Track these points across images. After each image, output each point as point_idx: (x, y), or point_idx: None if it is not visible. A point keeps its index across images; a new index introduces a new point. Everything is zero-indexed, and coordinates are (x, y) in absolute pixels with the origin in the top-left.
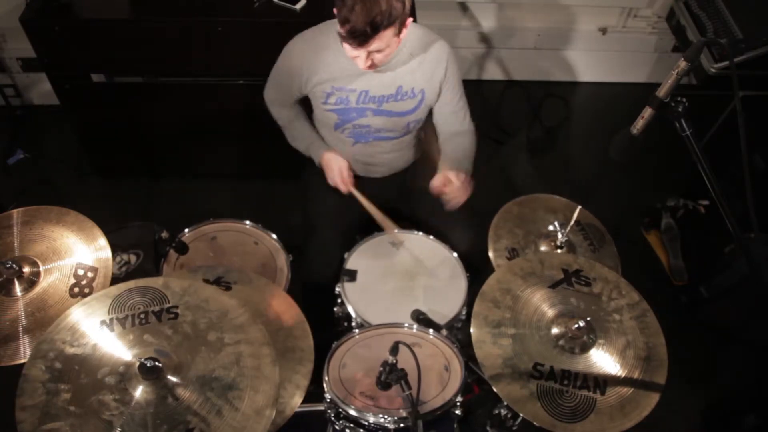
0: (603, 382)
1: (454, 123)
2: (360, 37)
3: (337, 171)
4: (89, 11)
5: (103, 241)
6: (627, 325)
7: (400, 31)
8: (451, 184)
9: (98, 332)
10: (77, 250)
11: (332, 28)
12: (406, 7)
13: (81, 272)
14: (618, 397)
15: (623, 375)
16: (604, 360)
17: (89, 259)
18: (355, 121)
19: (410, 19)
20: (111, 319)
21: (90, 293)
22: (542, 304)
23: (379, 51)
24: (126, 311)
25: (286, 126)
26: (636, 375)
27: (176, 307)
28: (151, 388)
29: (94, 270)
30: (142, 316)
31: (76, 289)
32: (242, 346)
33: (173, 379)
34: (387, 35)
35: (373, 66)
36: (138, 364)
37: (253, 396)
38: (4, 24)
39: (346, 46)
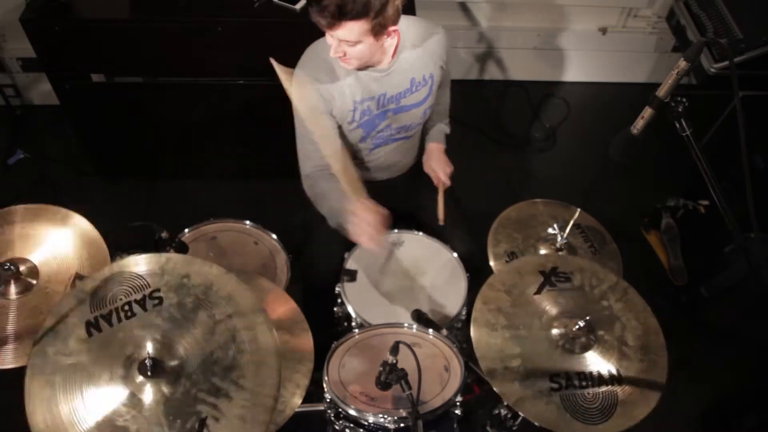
0: (617, 372)
1: (444, 85)
2: (325, 15)
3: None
4: (89, 11)
5: (105, 254)
6: (616, 308)
7: (378, 34)
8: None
9: (87, 336)
10: (79, 257)
11: (323, 47)
12: (387, 10)
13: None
14: (634, 382)
15: (630, 358)
16: (608, 351)
17: (89, 269)
18: (378, 127)
19: (394, 28)
20: (96, 318)
21: None
22: (535, 313)
23: (348, 43)
24: (108, 305)
25: (321, 197)
26: (640, 355)
27: (158, 290)
28: (156, 385)
29: None
30: (126, 308)
31: None
32: (234, 319)
33: (175, 372)
34: (356, 28)
35: (346, 61)
36: (138, 365)
37: (255, 371)
38: (4, 24)
39: (327, 36)
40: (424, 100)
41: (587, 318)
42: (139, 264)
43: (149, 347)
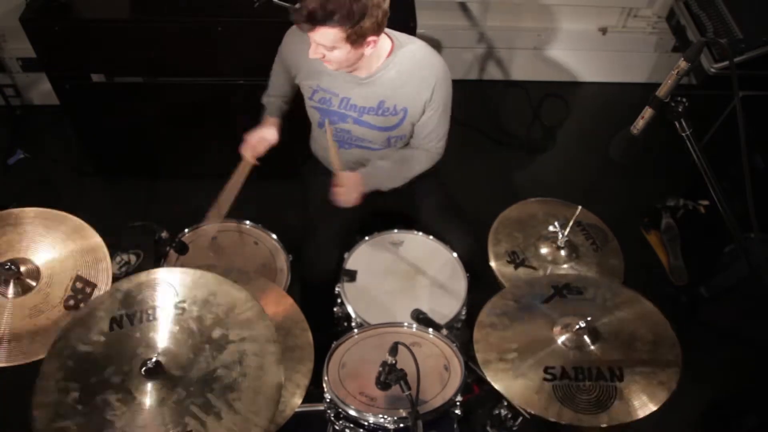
0: (618, 369)
1: (424, 143)
2: (298, 18)
3: (256, 137)
4: (89, 11)
5: (107, 262)
6: (627, 315)
7: (355, 43)
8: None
9: (108, 330)
10: (81, 262)
11: None
12: (364, 23)
13: (79, 285)
14: (639, 381)
15: (636, 360)
16: (613, 350)
17: (91, 274)
18: (337, 125)
19: (374, 38)
20: (121, 316)
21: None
22: (540, 319)
23: (325, 47)
24: (135, 306)
25: (271, 77)
26: (648, 358)
27: (183, 301)
28: (153, 388)
29: (93, 286)
30: (149, 311)
31: (72, 302)
32: (247, 344)
33: (175, 379)
34: (331, 35)
35: (327, 62)
36: (141, 364)
37: (252, 398)
38: (4, 24)
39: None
40: (389, 128)
41: (588, 318)
42: (175, 274)
43: (158, 350)
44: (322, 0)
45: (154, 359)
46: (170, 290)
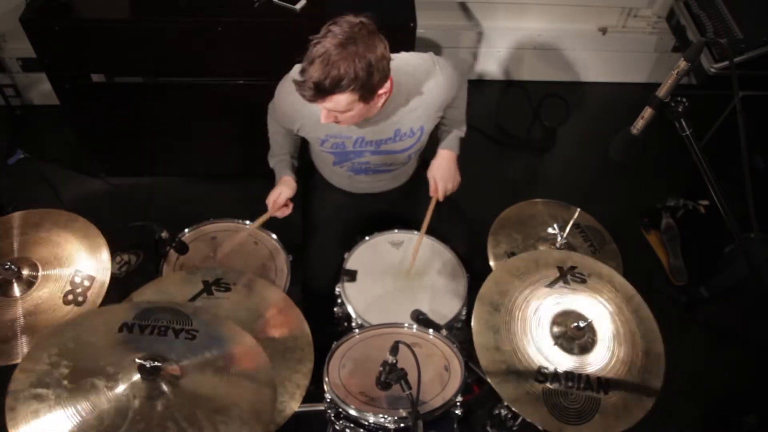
0: (605, 381)
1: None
2: (306, 91)
3: (276, 193)
4: (89, 11)
5: (105, 252)
6: (624, 320)
7: (368, 100)
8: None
9: (116, 331)
10: (79, 256)
11: None
12: (372, 78)
13: (78, 280)
14: (621, 396)
15: (624, 372)
16: (604, 359)
17: (89, 267)
18: (354, 160)
19: (384, 90)
20: (133, 324)
21: (84, 302)
22: (541, 305)
23: (338, 112)
24: (150, 321)
25: (270, 137)
26: (636, 372)
27: (197, 330)
28: (144, 386)
29: (91, 279)
30: (162, 329)
31: (70, 296)
32: (246, 381)
33: (168, 384)
34: (342, 100)
35: (338, 123)
36: (138, 364)
37: (239, 426)
38: (4, 24)
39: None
40: (408, 148)
41: (589, 320)
42: (193, 310)
43: (162, 358)
44: (324, 68)
45: (151, 362)
46: (186, 319)
